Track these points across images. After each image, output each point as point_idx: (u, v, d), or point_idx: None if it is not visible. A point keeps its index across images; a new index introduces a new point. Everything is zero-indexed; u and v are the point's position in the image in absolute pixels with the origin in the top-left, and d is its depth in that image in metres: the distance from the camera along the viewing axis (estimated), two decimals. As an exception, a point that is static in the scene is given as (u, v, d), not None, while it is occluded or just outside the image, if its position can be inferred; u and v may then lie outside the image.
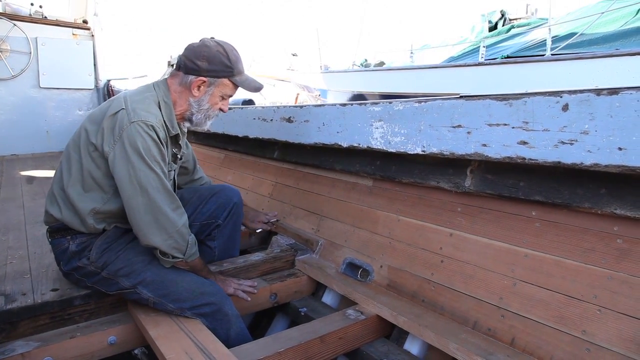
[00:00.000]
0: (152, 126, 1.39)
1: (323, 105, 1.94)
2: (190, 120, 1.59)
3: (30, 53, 4.98)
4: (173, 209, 1.43)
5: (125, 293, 1.47)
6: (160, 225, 1.40)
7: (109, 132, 1.39)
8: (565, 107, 1.09)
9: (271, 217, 2.04)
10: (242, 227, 1.99)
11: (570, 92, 1.08)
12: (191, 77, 1.50)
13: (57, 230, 1.49)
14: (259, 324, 1.98)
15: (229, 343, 1.41)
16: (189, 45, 1.54)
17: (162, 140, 1.44)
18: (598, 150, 1.03)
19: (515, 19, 8.14)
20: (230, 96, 1.61)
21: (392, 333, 1.55)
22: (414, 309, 1.48)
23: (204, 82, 1.51)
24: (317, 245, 2.00)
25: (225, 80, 1.54)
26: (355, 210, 1.94)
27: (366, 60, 10.44)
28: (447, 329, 1.34)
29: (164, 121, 1.48)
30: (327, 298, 1.85)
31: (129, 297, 1.49)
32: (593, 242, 1.19)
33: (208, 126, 1.62)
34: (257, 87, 1.61)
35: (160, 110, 1.48)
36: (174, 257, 1.45)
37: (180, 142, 1.63)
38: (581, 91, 1.06)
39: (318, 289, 1.92)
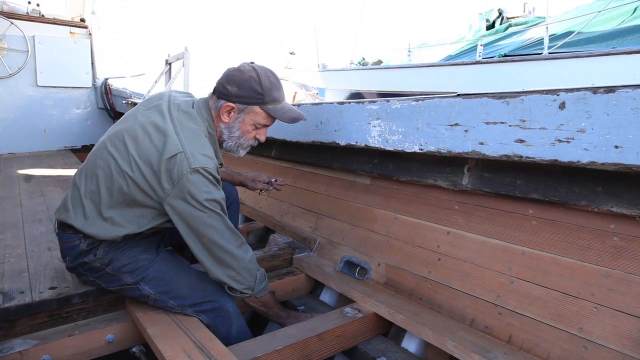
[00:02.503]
0: (210, 172, 1.34)
1: (321, 103, 1.94)
2: (221, 146, 1.55)
3: (28, 51, 4.96)
4: (237, 246, 1.41)
5: (126, 289, 1.47)
6: (226, 264, 1.39)
7: (167, 175, 1.32)
8: (562, 106, 1.09)
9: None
10: (240, 224, 1.99)
11: (567, 90, 1.08)
12: (221, 102, 1.46)
13: (70, 226, 1.44)
14: (256, 322, 1.98)
15: (229, 340, 1.42)
16: (227, 68, 1.49)
17: (219, 180, 1.40)
18: (595, 149, 1.04)
19: (513, 18, 8.15)
20: (266, 126, 1.52)
21: (390, 331, 1.56)
22: (411, 306, 1.49)
23: (233, 108, 1.45)
24: (315, 244, 2.00)
25: (257, 108, 1.46)
26: (353, 208, 1.94)
27: (364, 58, 10.44)
28: (445, 326, 1.35)
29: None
30: (325, 296, 1.86)
31: (129, 294, 1.49)
32: (589, 239, 1.19)
33: (240, 154, 1.56)
34: (293, 118, 1.50)
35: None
36: (242, 293, 1.45)
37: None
38: (578, 89, 1.06)
39: (316, 287, 1.93)
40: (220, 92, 1.46)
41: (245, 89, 1.43)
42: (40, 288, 1.51)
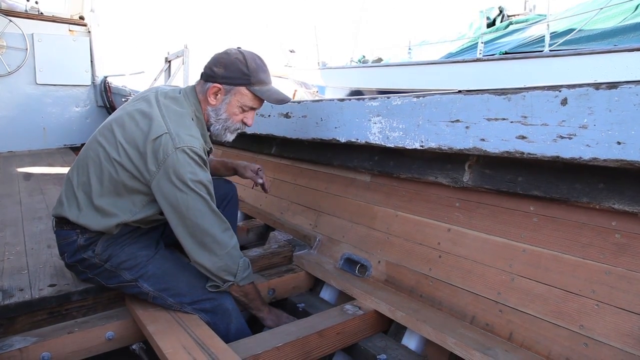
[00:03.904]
0: (196, 152, 1.35)
1: (321, 100, 1.94)
2: (209, 130, 1.55)
3: (27, 49, 4.95)
4: (222, 230, 1.41)
5: (125, 286, 1.46)
6: (209, 248, 1.38)
7: (152, 156, 1.33)
8: (564, 102, 1.08)
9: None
10: (240, 221, 1.98)
11: (569, 86, 1.08)
12: (208, 84, 1.47)
13: (67, 222, 1.44)
14: (256, 319, 1.98)
15: (229, 338, 1.41)
16: (214, 54, 1.50)
17: (205, 162, 1.40)
18: (597, 145, 1.03)
19: (514, 16, 8.13)
20: (253, 108, 1.53)
21: (390, 328, 1.55)
22: (411, 304, 1.48)
23: (219, 89, 1.47)
24: (315, 241, 1.99)
25: (243, 89, 1.47)
26: (353, 205, 1.93)
27: (364, 56, 10.42)
28: (445, 323, 1.34)
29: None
30: (325, 293, 1.85)
31: (128, 291, 1.48)
32: (591, 237, 1.18)
33: (228, 138, 1.56)
34: (279, 99, 1.53)
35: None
36: (225, 281, 1.44)
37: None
38: (580, 85, 1.06)
39: (316, 284, 1.92)
40: (207, 74, 1.48)
41: (231, 70, 1.45)
42: (40, 285, 1.51)
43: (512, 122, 1.20)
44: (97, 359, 1.43)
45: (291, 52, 11.87)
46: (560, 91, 1.09)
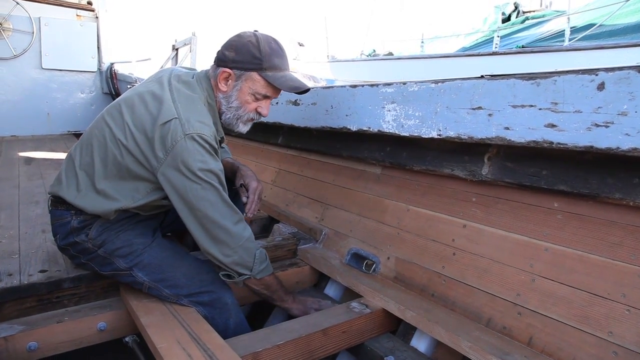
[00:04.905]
0: (206, 139, 1.26)
1: (332, 86, 1.84)
2: (221, 119, 1.45)
3: (33, 33, 4.88)
4: (234, 222, 1.31)
5: (119, 275, 1.38)
6: (221, 241, 1.30)
7: (160, 142, 1.25)
8: (601, 86, 0.98)
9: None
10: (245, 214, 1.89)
11: (607, 69, 0.98)
12: (219, 69, 1.38)
13: (63, 202, 1.37)
14: (256, 315, 1.90)
15: (227, 334, 1.33)
16: (230, 37, 1.41)
17: (216, 150, 1.32)
18: (638, 134, 0.93)
19: (529, 12, 7.96)
20: (267, 97, 1.41)
21: (399, 328, 1.46)
22: (422, 303, 1.39)
23: (230, 74, 1.36)
24: (321, 235, 1.91)
25: (254, 75, 1.35)
26: (362, 198, 1.84)
27: (374, 50, 10.30)
28: (459, 325, 1.25)
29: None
30: (330, 290, 1.77)
31: (122, 280, 1.40)
32: (622, 236, 1.09)
33: (241, 129, 1.45)
34: (294, 87, 1.38)
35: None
36: (240, 275, 1.35)
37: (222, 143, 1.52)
38: (620, 68, 0.96)
39: (320, 280, 1.84)
40: (219, 59, 1.39)
41: (242, 53, 1.35)
42: (30, 271, 1.43)
43: (540, 109, 1.10)
44: (88, 350, 1.35)
45: (300, 45, 11.75)
46: (597, 75, 0.99)
